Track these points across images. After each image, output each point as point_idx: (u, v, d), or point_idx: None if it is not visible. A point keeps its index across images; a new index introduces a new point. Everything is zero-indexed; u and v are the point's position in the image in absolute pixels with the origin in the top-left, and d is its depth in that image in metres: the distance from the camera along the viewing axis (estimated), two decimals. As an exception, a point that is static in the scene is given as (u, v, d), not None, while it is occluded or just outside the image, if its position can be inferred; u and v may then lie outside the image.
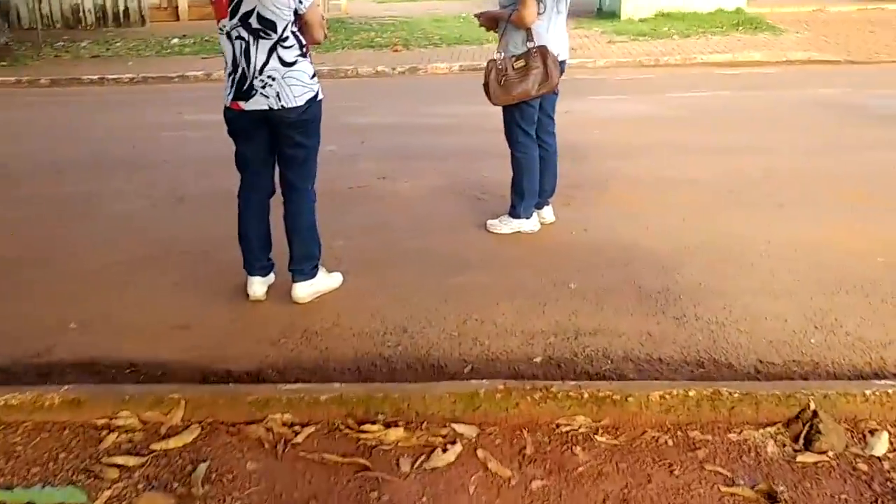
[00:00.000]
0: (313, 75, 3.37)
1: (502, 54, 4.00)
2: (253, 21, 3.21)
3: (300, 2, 3.23)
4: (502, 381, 2.73)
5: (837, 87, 8.71)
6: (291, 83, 3.28)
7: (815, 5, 15.24)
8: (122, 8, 18.19)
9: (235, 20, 3.23)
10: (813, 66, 11.01)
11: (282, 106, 3.29)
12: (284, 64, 3.27)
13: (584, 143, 6.15)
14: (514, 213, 4.34)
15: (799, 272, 3.79)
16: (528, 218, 4.34)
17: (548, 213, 4.49)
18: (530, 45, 3.98)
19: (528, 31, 3.96)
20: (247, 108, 3.34)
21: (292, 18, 3.23)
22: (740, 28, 13.44)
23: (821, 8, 14.87)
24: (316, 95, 3.38)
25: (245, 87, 3.31)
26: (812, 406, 2.57)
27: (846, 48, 11.84)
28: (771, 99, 8.09)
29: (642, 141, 6.37)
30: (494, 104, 4.07)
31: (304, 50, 3.33)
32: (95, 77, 11.67)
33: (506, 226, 4.36)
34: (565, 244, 4.22)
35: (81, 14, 17.93)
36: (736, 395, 2.63)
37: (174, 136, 7.27)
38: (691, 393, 2.63)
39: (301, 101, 3.31)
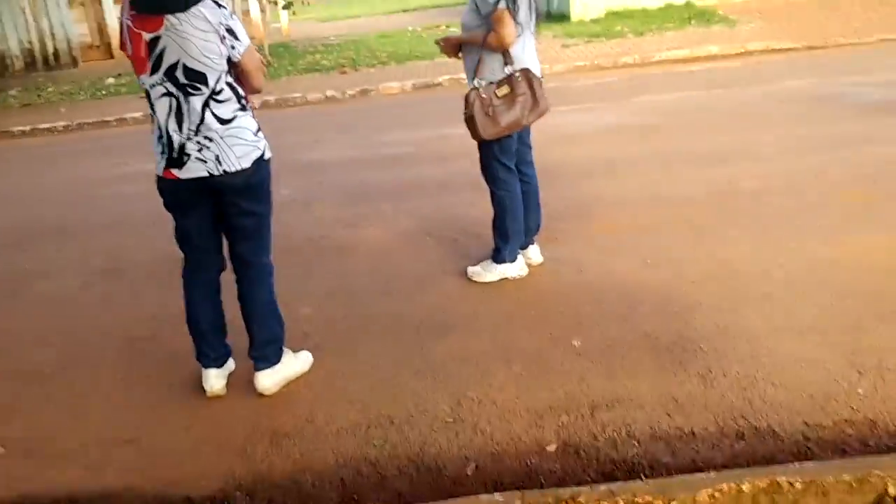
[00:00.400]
0: (257, 130, 2.86)
1: (482, 82, 3.54)
2: (179, 75, 2.70)
3: (233, 47, 2.73)
4: (518, 492, 2.26)
5: (804, 77, 8.44)
6: (232, 143, 2.78)
7: (763, -9, 15.13)
8: (51, 50, 17.40)
9: (159, 75, 2.72)
10: (773, 55, 10.79)
11: (223, 171, 2.79)
12: (221, 121, 2.76)
13: (557, 162, 5.72)
14: (498, 258, 3.88)
15: (822, 301, 3.39)
16: (513, 261, 3.88)
17: (534, 252, 4.04)
18: (510, 69, 3.55)
19: (506, 53, 3.52)
20: (182, 177, 2.83)
21: (225, 68, 2.73)
22: (693, 22, 13.22)
23: (770, -7, 14.75)
24: (263, 154, 2.87)
25: (177, 153, 2.80)
26: (891, 490, 2.15)
27: (802, 34, 11.65)
28: (742, 96, 7.75)
29: (619, 155, 5.96)
30: (483, 139, 3.58)
31: (244, 102, 2.83)
32: (26, 128, 10.94)
33: (490, 273, 3.89)
34: (559, 290, 3.77)
35: (8, 60, 17.09)
36: (798, 486, 2.20)
37: (111, 193, 6.67)
38: (745, 487, 2.20)
39: (246, 163, 2.81)
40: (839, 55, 10.06)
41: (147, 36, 2.67)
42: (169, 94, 2.74)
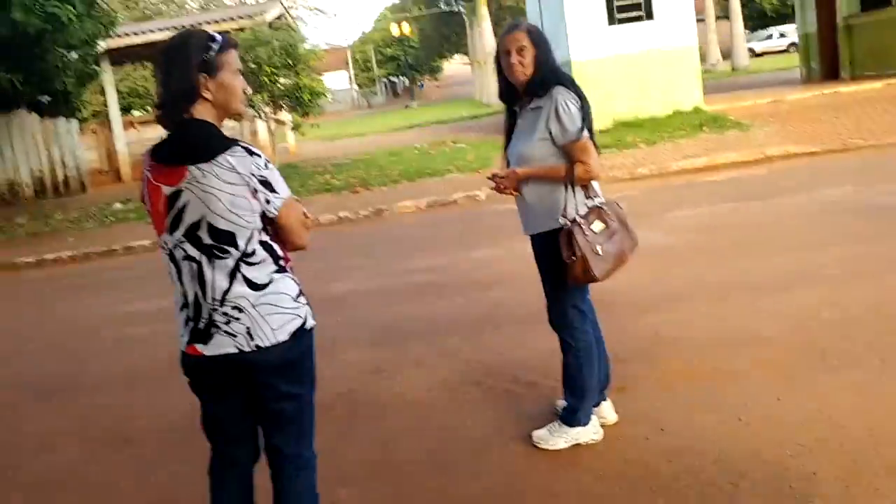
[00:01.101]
0: (298, 295, 2.39)
1: (568, 219, 3.14)
2: (203, 235, 2.27)
3: (268, 201, 2.28)
4: None
5: (839, 185, 8.10)
6: (267, 312, 2.31)
7: (770, 96, 15.16)
8: (61, 178, 17.39)
9: (178, 234, 2.29)
10: (794, 160, 10.56)
11: (256, 346, 2.31)
12: (255, 287, 2.30)
13: (599, 293, 5.24)
14: (571, 420, 3.34)
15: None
16: (587, 424, 3.35)
17: (608, 410, 3.51)
18: (594, 201, 3.20)
19: (588, 185, 3.18)
20: (208, 354, 2.35)
21: (259, 225, 2.30)
22: (705, 128, 13.11)
23: (778, 98, 14.76)
24: (304, 322, 2.39)
25: (202, 325, 2.33)
26: None
27: (818, 138, 11.48)
28: (782, 209, 7.37)
29: (667, 283, 5.50)
30: (596, 280, 3.13)
31: (282, 262, 2.38)
32: (32, 260, 10.61)
33: (561, 438, 3.34)
34: (645, 459, 3.20)
35: (18, 188, 17.02)
36: None
37: (115, 336, 6.17)
38: None
39: (283, 336, 2.32)
40: (862, 159, 9.80)
41: (167, 190, 2.27)
42: (189, 257, 2.31)
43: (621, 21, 14.07)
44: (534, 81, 3.21)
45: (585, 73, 14.79)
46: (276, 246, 2.36)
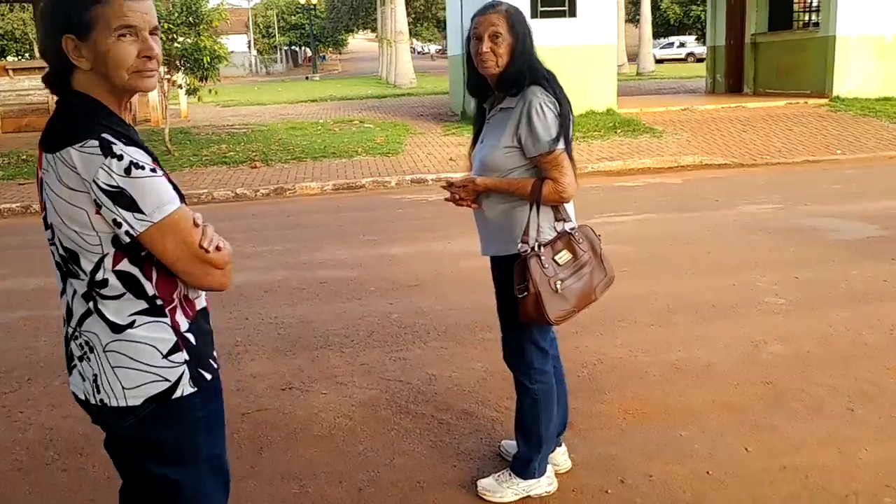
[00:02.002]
0: (173, 349, 1.71)
1: (529, 245, 2.63)
2: (58, 244, 1.68)
3: (118, 223, 1.58)
4: None
5: (761, 202, 8.06)
6: (118, 363, 1.68)
7: (682, 104, 15.30)
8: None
9: (48, 233, 1.71)
10: (707, 170, 10.62)
11: (101, 402, 1.71)
12: (111, 327, 1.67)
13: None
14: (523, 471, 2.87)
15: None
16: (542, 475, 2.89)
17: (562, 456, 3.07)
18: (564, 225, 2.70)
19: (558, 206, 2.67)
20: (71, 387, 1.80)
21: (109, 251, 1.63)
22: (618, 131, 13.02)
23: (688, 107, 14.90)
24: (174, 389, 1.71)
25: (66, 349, 1.78)
26: None
27: (730, 151, 11.61)
28: (707, 223, 7.18)
29: (604, 299, 5.11)
30: (549, 322, 2.63)
31: (161, 303, 1.70)
32: None
33: (510, 489, 2.87)
34: (606, 519, 2.79)
35: None
36: None
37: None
38: None
39: (135, 400, 1.70)
40: (775, 176, 9.92)
41: (41, 175, 1.68)
42: (57, 263, 1.72)
43: (544, 15, 13.76)
44: (506, 76, 2.67)
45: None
46: (144, 280, 1.67)
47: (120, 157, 1.56)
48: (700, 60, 39.81)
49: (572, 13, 13.96)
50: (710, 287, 5.23)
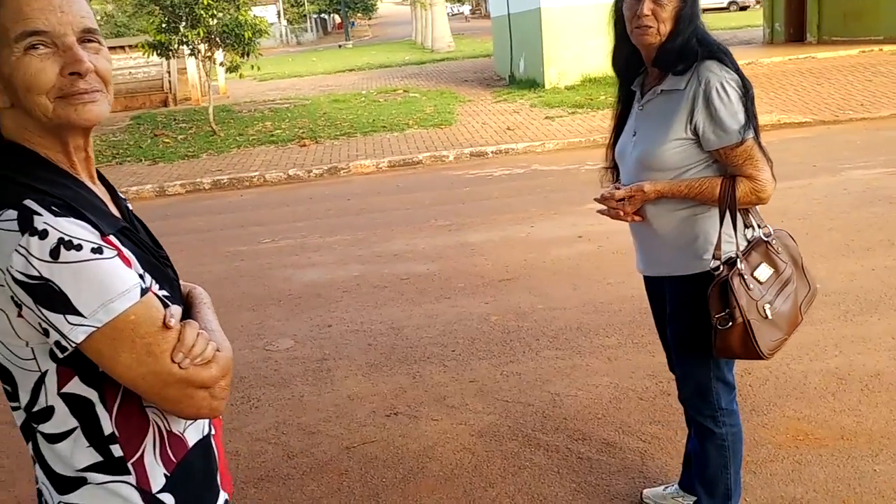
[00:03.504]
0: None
1: (722, 261, 2.11)
2: None
3: (45, 330, 1.06)
4: None
5: (866, 165, 7.32)
6: None
7: (744, 58, 14.41)
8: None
9: None
10: (788, 130, 9.86)
11: None
12: (60, 486, 1.16)
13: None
14: (707, 531, 2.40)
15: None
16: (728, 535, 2.41)
17: None
18: (756, 232, 2.19)
19: (748, 209, 2.14)
20: None
21: (50, 367, 1.10)
22: (683, 90, 12.25)
23: (753, 60, 14.03)
24: None
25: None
26: None
27: (807, 106, 10.84)
28: (814, 194, 6.40)
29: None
30: (763, 357, 2.12)
31: (121, 453, 1.15)
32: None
33: (692, 554, 2.41)
34: None
35: None
36: None
37: None
38: None
39: None
40: (865, 133, 9.14)
41: None
42: None
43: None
44: (670, 48, 2.12)
45: (555, 22, 13.69)
46: (102, 410, 1.14)
47: (44, 234, 1.03)
48: (744, 8, 38.19)
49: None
50: (846, 273, 4.64)
